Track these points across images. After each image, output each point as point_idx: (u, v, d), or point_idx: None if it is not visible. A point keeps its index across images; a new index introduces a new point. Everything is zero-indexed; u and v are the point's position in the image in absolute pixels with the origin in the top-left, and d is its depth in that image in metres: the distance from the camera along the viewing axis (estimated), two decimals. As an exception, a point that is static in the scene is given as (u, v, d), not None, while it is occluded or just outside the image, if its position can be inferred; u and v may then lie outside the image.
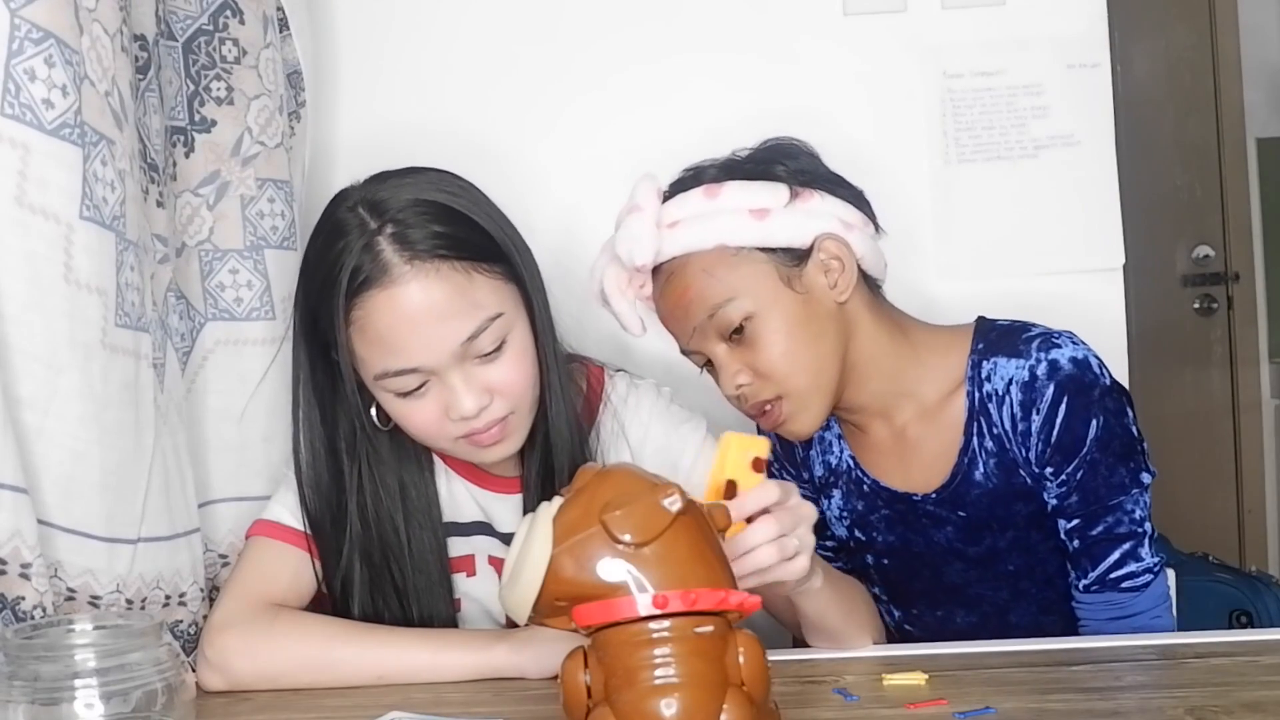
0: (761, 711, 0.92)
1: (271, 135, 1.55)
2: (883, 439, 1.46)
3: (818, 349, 1.37)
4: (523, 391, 1.31)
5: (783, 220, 1.37)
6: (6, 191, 1.12)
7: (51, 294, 1.15)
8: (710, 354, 1.39)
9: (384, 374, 1.27)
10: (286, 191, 1.58)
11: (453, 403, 1.27)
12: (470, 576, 1.42)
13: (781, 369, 1.36)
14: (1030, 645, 1.28)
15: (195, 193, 1.49)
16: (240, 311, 1.53)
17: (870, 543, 1.50)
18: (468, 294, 1.26)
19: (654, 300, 1.44)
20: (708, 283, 1.36)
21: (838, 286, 1.38)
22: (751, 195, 1.37)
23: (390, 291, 1.24)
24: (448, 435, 1.29)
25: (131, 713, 0.96)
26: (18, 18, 1.12)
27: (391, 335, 1.25)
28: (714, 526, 0.98)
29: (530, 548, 0.94)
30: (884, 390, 1.43)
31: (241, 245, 1.54)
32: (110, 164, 1.21)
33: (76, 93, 1.16)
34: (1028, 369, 1.36)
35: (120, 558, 1.25)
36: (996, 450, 1.38)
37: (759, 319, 1.35)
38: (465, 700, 1.18)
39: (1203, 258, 3.39)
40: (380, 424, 1.35)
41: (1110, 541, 1.36)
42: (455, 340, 1.25)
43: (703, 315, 1.37)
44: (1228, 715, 1.02)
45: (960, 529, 1.43)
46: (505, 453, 1.33)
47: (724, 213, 1.37)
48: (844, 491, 1.50)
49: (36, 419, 1.16)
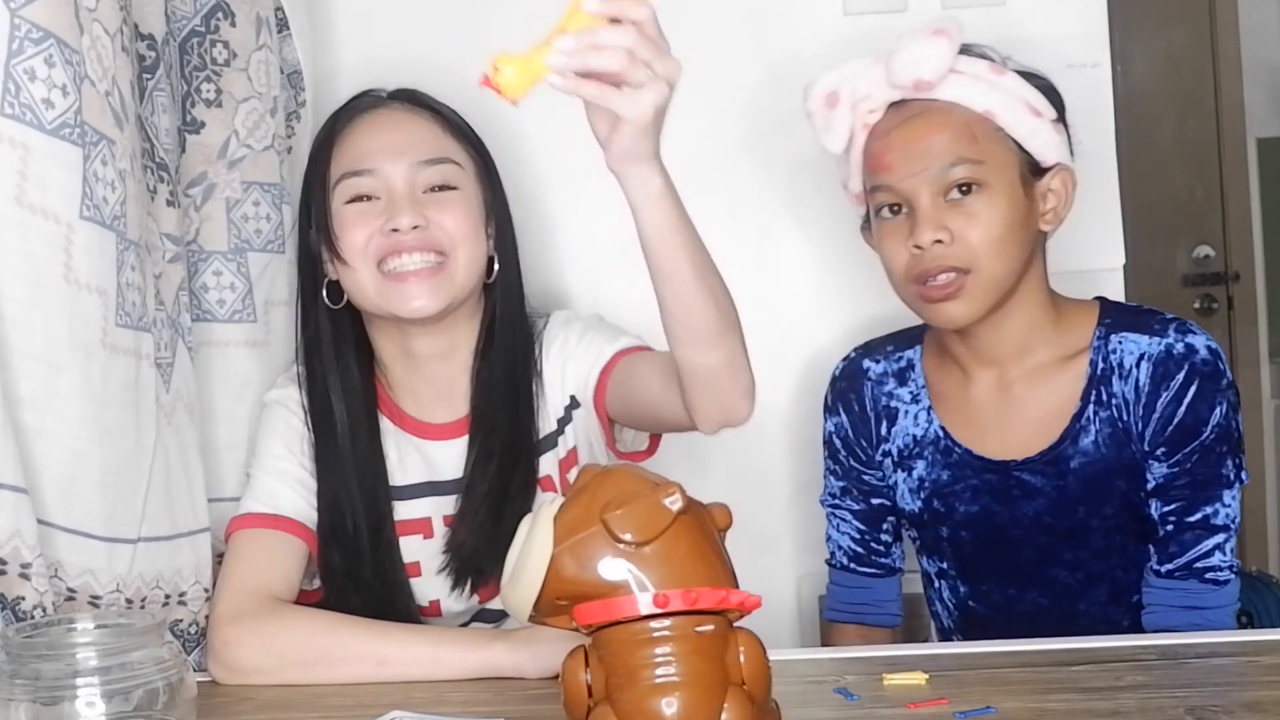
0: (762, 711, 0.92)
1: (260, 138, 1.55)
2: (985, 400, 1.47)
3: (1019, 252, 1.40)
4: (458, 240, 1.43)
5: (1048, 133, 1.41)
6: (6, 191, 1.11)
7: (51, 294, 1.15)
8: (913, 201, 1.40)
9: (344, 174, 1.43)
10: (274, 194, 1.57)
11: (390, 214, 1.41)
12: (428, 539, 1.48)
13: (987, 249, 1.38)
14: (1030, 645, 1.28)
15: (186, 193, 1.49)
16: (222, 314, 1.52)
17: (950, 513, 1.49)
18: (436, 138, 1.46)
19: (873, 132, 1.44)
20: (965, 136, 1.39)
21: (1048, 216, 1.42)
22: (1031, 94, 1.41)
23: (382, 112, 1.48)
24: (377, 250, 1.41)
25: (133, 711, 0.96)
26: (17, 17, 1.11)
27: (362, 140, 1.45)
28: (714, 526, 0.98)
29: (531, 547, 0.94)
30: (1019, 334, 1.45)
31: (225, 247, 1.53)
32: (110, 164, 1.21)
33: (77, 92, 1.16)
34: (1164, 346, 1.39)
35: (120, 557, 1.25)
36: (1110, 420, 1.40)
37: (990, 194, 1.38)
38: (465, 700, 1.18)
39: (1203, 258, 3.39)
40: (330, 301, 1.47)
41: (1205, 530, 1.38)
42: (416, 156, 1.43)
43: (941, 162, 1.38)
44: (1228, 715, 1.03)
45: (1053, 501, 1.43)
46: (424, 307, 1.41)
47: (1004, 91, 1.40)
48: (928, 462, 1.50)
49: (37, 419, 1.16)
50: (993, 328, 1.43)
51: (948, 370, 1.51)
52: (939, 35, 1.39)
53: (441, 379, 1.51)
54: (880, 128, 1.43)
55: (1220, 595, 1.38)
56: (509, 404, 1.48)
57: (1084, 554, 1.45)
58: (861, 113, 1.44)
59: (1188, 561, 1.38)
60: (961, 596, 1.53)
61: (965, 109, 1.39)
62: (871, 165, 1.44)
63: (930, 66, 1.38)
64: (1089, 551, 1.44)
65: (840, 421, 1.58)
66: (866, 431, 1.56)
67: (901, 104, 1.42)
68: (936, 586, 1.55)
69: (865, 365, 1.57)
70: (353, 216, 1.43)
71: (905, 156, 1.40)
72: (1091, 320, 1.45)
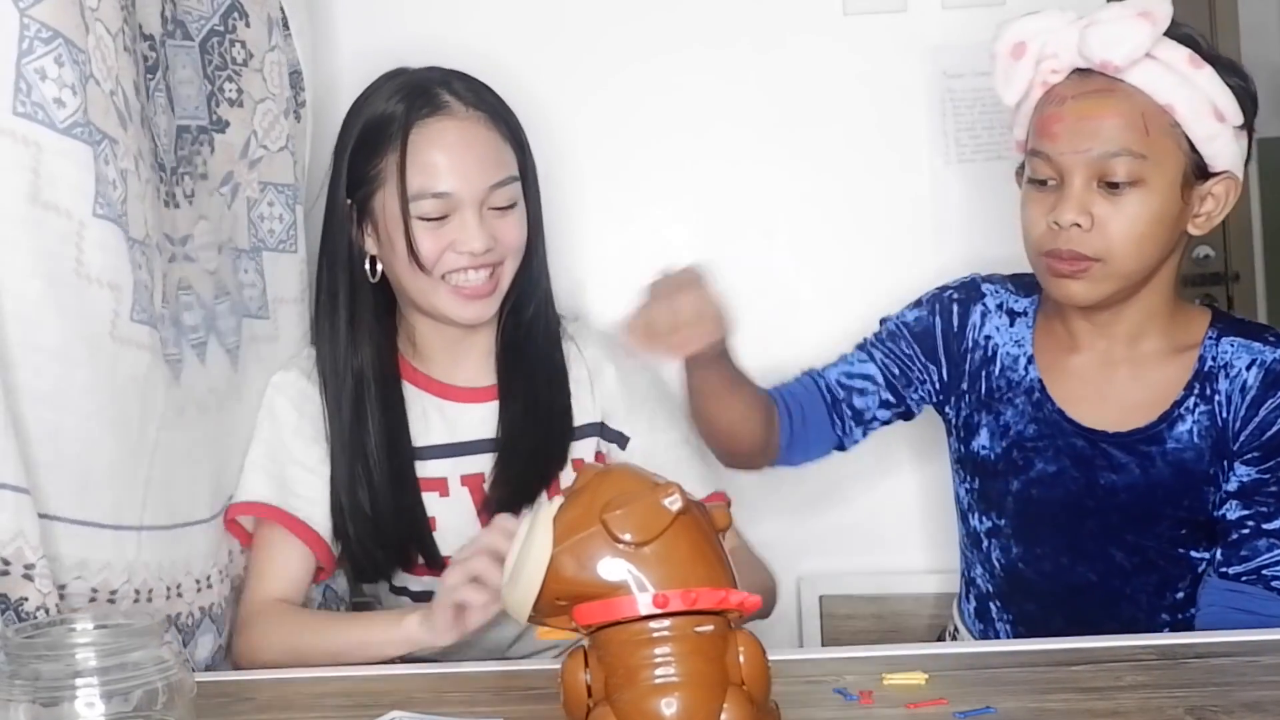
0: (761, 711, 0.92)
1: (275, 139, 1.56)
2: (1087, 369, 1.46)
3: (1157, 251, 1.39)
4: (516, 252, 1.52)
5: (1226, 140, 1.38)
6: (19, 189, 1.12)
7: (64, 289, 1.17)
8: (1067, 177, 1.37)
9: (420, 195, 1.46)
10: (287, 195, 1.59)
11: (463, 238, 1.46)
12: (444, 496, 1.54)
13: (1128, 243, 1.36)
14: (1030, 645, 1.28)
15: (219, 192, 1.51)
16: (252, 310, 1.57)
17: (1027, 467, 1.48)
18: (501, 152, 1.51)
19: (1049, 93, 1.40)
20: (1137, 127, 1.35)
21: (1200, 220, 1.40)
22: (1221, 96, 1.36)
23: (450, 123, 1.48)
24: (444, 266, 1.47)
25: (132, 712, 0.96)
26: (27, 17, 1.12)
27: (440, 159, 1.46)
28: (714, 526, 0.98)
29: (531, 547, 0.94)
30: (1137, 320, 1.44)
31: (247, 246, 1.57)
32: (113, 163, 1.22)
33: (84, 92, 1.17)
34: (1277, 358, 1.40)
35: (126, 545, 1.26)
36: (1210, 415, 1.40)
37: (1146, 193, 1.35)
38: (466, 700, 1.18)
39: (1203, 258, 3.40)
40: (371, 275, 1.53)
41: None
42: (486, 181, 1.48)
43: (1106, 148, 1.35)
44: (1228, 715, 1.03)
45: (1134, 480, 1.42)
46: (478, 316, 1.51)
47: (1194, 87, 1.35)
48: (1018, 411, 1.48)
49: (52, 414, 1.17)
50: (1112, 310, 1.43)
51: (1054, 331, 1.49)
52: (1142, 18, 1.34)
53: (472, 345, 1.58)
54: (1057, 92, 1.39)
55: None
56: (543, 367, 1.57)
57: (1146, 539, 1.44)
58: (1044, 71, 1.40)
59: (1257, 567, 1.38)
60: (1013, 558, 1.50)
61: (1147, 97, 1.35)
62: (1038, 129, 1.40)
63: (1124, 50, 1.34)
64: (1152, 537, 1.44)
65: (924, 318, 1.54)
66: (953, 349, 1.53)
67: (1086, 72, 1.38)
68: (985, 547, 1.53)
69: (984, 290, 1.54)
70: (426, 233, 1.47)
71: (1073, 132, 1.36)
72: (1204, 322, 1.45)
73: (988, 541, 1.52)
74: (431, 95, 1.49)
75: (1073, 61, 1.38)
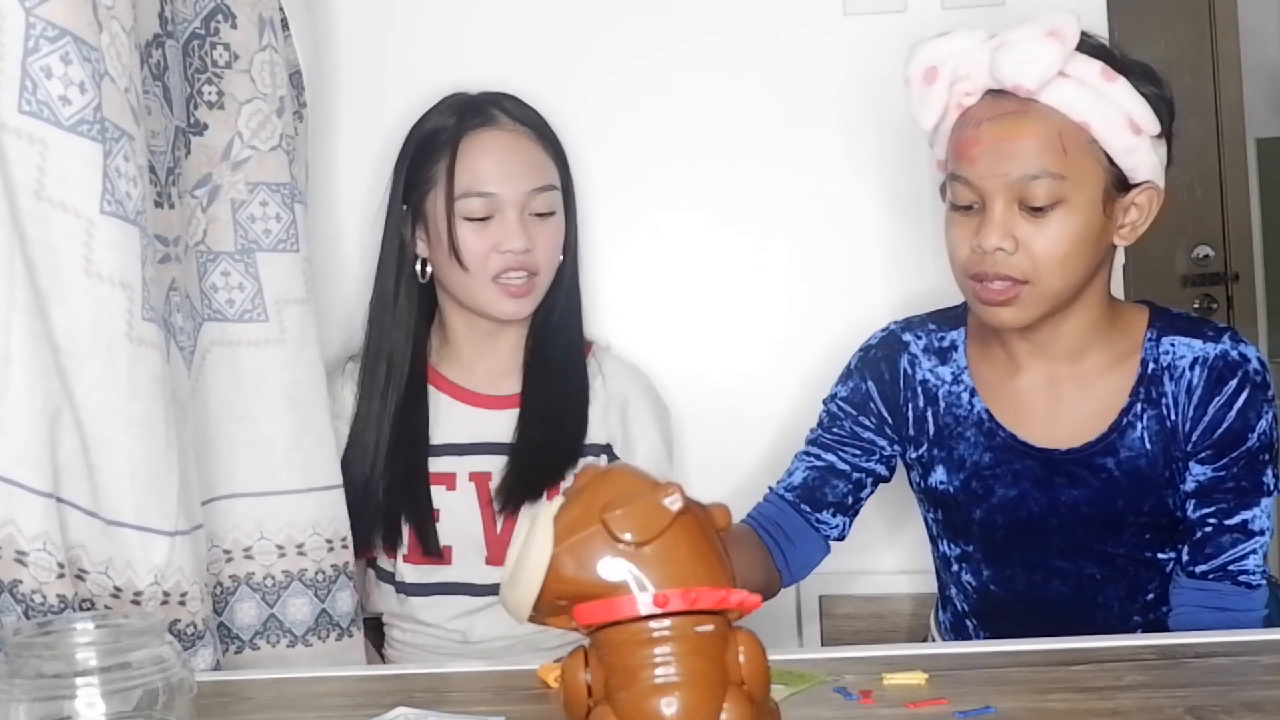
0: (761, 710, 0.92)
1: (265, 139, 1.55)
2: (1033, 391, 1.46)
3: (1084, 268, 1.38)
4: (552, 260, 1.67)
5: (1145, 151, 1.37)
6: (26, 186, 1.14)
7: (72, 286, 1.17)
8: (988, 201, 1.36)
9: (466, 193, 1.62)
10: (283, 194, 1.57)
11: (505, 237, 1.62)
12: (450, 490, 1.65)
13: (1052, 264, 1.36)
14: (1030, 645, 1.28)
15: (192, 194, 1.49)
16: (232, 313, 1.53)
17: (987, 495, 1.48)
18: (543, 163, 1.67)
19: (964, 116, 1.40)
20: (1054, 148, 1.34)
21: (1125, 231, 1.40)
22: (1136, 107, 1.36)
23: (498, 133, 1.66)
24: (491, 268, 1.62)
25: (133, 711, 0.97)
26: (33, 16, 1.14)
27: (487, 162, 1.63)
28: (714, 526, 0.98)
29: (530, 547, 0.94)
30: (1076, 335, 1.43)
31: (232, 248, 1.54)
32: (132, 159, 1.23)
33: (96, 89, 1.18)
34: (1219, 352, 1.39)
35: (156, 549, 1.27)
36: (1158, 419, 1.40)
37: (1068, 212, 1.35)
38: (466, 699, 1.18)
39: (1203, 258, 3.40)
40: (420, 276, 1.68)
41: (1243, 534, 1.39)
42: (528, 184, 1.64)
43: (1025, 170, 1.34)
44: (1228, 715, 1.03)
45: (1094, 493, 1.43)
46: (516, 313, 1.65)
47: (1109, 102, 1.35)
48: (970, 443, 1.48)
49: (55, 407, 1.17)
50: (1049, 328, 1.42)
51: (993, 356, 1.49)
52: (1052, 37, 1.33)
53: (494, 348, 1.70)
54: (973, 114, 1.39)
55: (1252, 599, 1.39)
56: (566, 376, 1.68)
57: (1113, 548, 1.45)
58: (958, 93, 1.40)
59: (1223, 564, 1.39)
60: (984, 580, 1.52)
61: (1063, 116, 1.34)
62: (956, 152, 1.40)
63: (1035, 72, 1.33)
64: (1119, 545, 1.44)
65: (857, 386, 1.54)
66: (893, 402, 1.53)
67: (1000, 93, 1.37)
68: (955, 570, 1.54)
69: (906, 339, 1.54)
70: (470, 232, 1.63)
71: (991, 155, 1.36)
72: (1142, 323, 1.45)
73: (958, 565, 1.53)
74: (482, 110, 1.66)
75: (986, 83, 1.38)
